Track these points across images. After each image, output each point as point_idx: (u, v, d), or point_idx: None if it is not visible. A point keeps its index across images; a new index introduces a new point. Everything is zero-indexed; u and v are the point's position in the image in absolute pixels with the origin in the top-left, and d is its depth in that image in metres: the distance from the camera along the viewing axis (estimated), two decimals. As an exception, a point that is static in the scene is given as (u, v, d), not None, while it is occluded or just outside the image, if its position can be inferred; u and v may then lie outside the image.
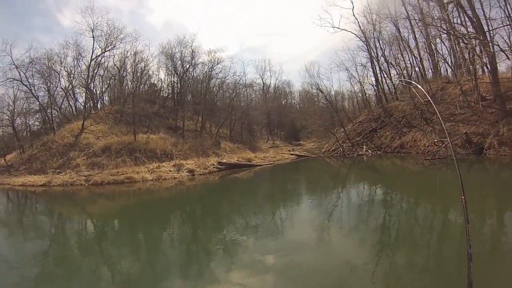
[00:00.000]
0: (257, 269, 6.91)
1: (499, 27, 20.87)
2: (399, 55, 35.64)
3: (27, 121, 33.63)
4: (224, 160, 27.93)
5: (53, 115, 32.00)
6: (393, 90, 35.79)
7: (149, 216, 13.56)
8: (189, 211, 15.08)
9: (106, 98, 38.72)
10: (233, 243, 8.95)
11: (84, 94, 34.96)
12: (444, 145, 20.22)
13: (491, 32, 21.00)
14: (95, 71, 33.99)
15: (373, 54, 35.39)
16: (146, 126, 31.75)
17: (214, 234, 10.27)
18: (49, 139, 26.82)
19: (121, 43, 33.94)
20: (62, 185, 20.52)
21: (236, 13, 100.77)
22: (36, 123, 34.33)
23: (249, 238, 9.30)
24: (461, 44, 25.17)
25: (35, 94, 30.31)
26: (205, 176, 24.15)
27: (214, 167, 26.00)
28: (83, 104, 34.83)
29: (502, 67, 23.69)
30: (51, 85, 32.30)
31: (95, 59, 33.17)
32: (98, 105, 35.90)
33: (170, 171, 23.70)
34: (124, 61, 35.87)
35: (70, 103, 35.84)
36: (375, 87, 37.05)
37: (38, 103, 30.92)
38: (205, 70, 40.34)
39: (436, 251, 7.54)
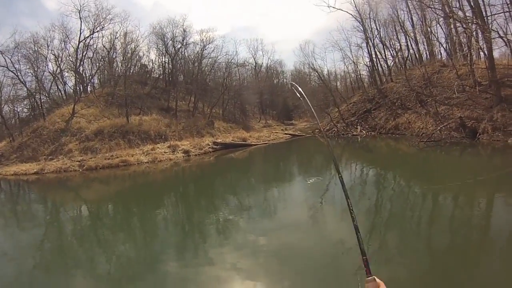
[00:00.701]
0: (250, 250, 6.97)
1: (498, 13, 20.33)
2: (395, 37, 35.00)
3: (15, 108, 32.18)
4: (219, 140, 27.43)
5: (42, 100, 30.69)
6: (388, 72, 35.10)
7: (144, 199, 13.38)
8: (184, 193, 14.87)
9: (96, 81, 37.32)
10: (227, 224, 8.95)
11: (73, 78, 33.67)
12: (439, 128, 20.28)
13: (489, 18, 20.42)
14: (84, 54, 32.45)
15: (368, 35, 34.55)
16: (138, 107, 30.90)
17: (208, 215, 10.21)
18: (39, 126, 25.83)
19: (109, 23, 32.49)
20: (55, 172, 19.82)
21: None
22: (25, 110, 32.96)
23: (242, 218, 9.37)
24: (458, 28, 24.78)
25: (22, 79, 28.97)
26: (201, 157, 23.81)
27: (209, 147, 25.53)
28: (72, 88, 33.61)
29: (495, 53, 23.16)
30: (39, 70, 30.92)
31: (83, 41, 31.74)
32: (88, 89, 34.49)
33: (165, 152, 23.16)
34: (113, 42, 34.45)
35: (59, 87, 34.48)
36: (370, 68, 36.31)
37: (25, 89, 29.64)
38: (197, 50, 39.37)
39: (426, 232, 7.64)
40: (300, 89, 2.88)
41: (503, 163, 14.16)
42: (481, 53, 23.97)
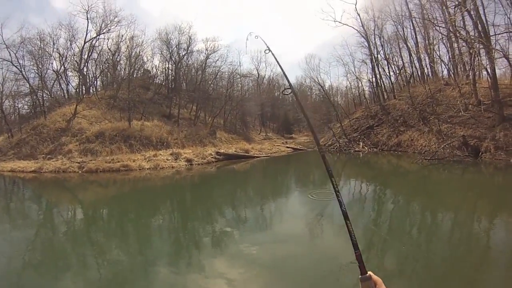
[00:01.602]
0: (245, 261, 6.87)
1: (502, 33, 20.45)
2: (398, 54, 34.84)
3: (16, 104, 31.23)
4: (222, 151, 26.64)
5: (44, 98, 29.77)
6: (391, 89, 34.90)
7: (141, 205, 13.02)
8: (182, 201, 14.50)
9: (98, 83, 36.57)
10: (222, 235, 8.79)
11: (76, 78, 32.85)
12: (442, 146, 20.16)
13: (492, 37, 20.48)
14: (89, 55, 31.79)
15: (372, 51, 34.31)
16: (140, 112, 30.11)
17: (205, 225, 10.10)
18: (40, 123, 24.88)
19: (116, 26, 32.00)
20: (54, 171, 18.83)
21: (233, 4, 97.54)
22: (25, 106, 31.89)
23: (238, 230, 9.26)
24: (461, 47, 24.96)
25: (25, 75, 28.15)
26: (203, 166, 23.06)
27: (212, 157, 24.71)
28: (75, 88, 32.83)
29: (496, 73, 23.14)
30: (42, 67, 30.04)
31: (90, 41, 31.11)
32: (91, 90, 33.75)
33: (167, 159, 22.31)
34: (119, 45, 33.86)
35: (62, 86, 33.57)
36: (373, 84, 35.96)
37: (28, 85, 28.68)
38: (201, 58, 38.93)
39: (425, 247, 7.56)
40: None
41: (505, 182, 14.17)
42: (483, 72, 23.90)
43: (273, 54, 2.57)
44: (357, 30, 34.13)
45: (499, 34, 20.40)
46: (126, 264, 7.00)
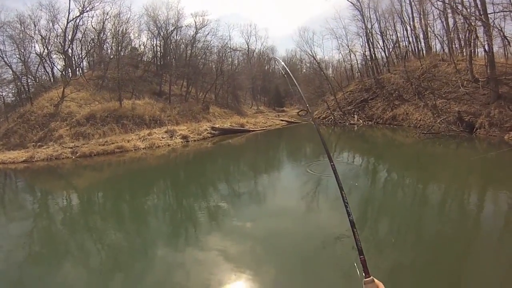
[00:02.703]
0: (243, 236, 7.02)
1: (500, 11, 19.82)
2: (393, 28, 33.77)
3: (0, 92, 29.52)
4: (217, 126, 25.69)
5: (29, 84, 27.95)
6: (385, 62, 33.82)
7: (137, 186, 12.76)
8: (178, 179, 14.27)
9: (85, 63, 34.55)
10: (219, 211, 8.89)
11: (61, 60, 31.00)
12: (438, 120, 20.34)
13: (490, 16, 19.91)
14: (73, 35, 29.66)
15: (367, 24, 33.03)
16: (129, 91, 28.68)
17: (201, 202, 10.11)
18: (27, 110, 23.19)
19: (100, 3, 29.86)
20: (46, 159, 17.55)
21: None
22: (10, 94, 29.84)
23: (234, 205, 9.35)
24: (458, 23, 24.38)
25: (7, 61, 26.08)
26: (199, 142, 22.30)
27: (207, 133, 23.76)
28: (61, 70, 30.99)
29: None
30: (25, 51, 27.91)
31: (73, 21, 28.97)
32: (77, 71, 31.83)
33: (163, 138, 21.31)
34: (103, 23, 31.76)
35: (47, 70, 31.56)
36: (367, 57, 34.69)
37: (11, 71, 26.64)
38: (190, 33, 37.13)
39: (416, 221, 7.68)
40: (283, 63, 2.78)
41: (497, 159, 14.16)
42: (478, 50, 24.25)
43: (292, 77, 2.68)
44: (352, 2, 32.92)
45: (498, 12, 19.80)
46: (125, 246, 7.00)
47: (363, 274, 1.65)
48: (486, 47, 19.49)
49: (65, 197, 12.09)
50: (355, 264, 1.77)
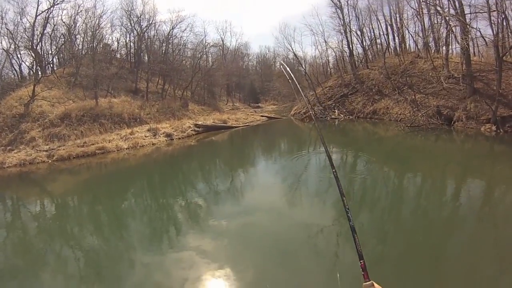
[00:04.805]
0: (224, 233, 6.88)
1: (476, 12, 19.90)
2: (371, 26, 33.22)
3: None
4: (200, 122, 23.94)
5: (-5, 82, 24.82)
6: (363, 58, 33.00)
7: (117, 189, 12.00)
8: (160, 180, 13.34)
9: (55, 60, 31.20)
10: (200, 210, 8.69)
11: (29, 57, 27.68)
12: (420, 114, 20.59)
13: (467, 16, 20.30)
14: (43, 30, 26.32)
15: (345, 21, 31.99)
16: (105, 89, 26.25)
17: (182, 202, 9.74)
18: (-7, 111, 20.43)
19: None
20: (18, 165, 15.23)
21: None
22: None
23: (217, 204, 9.07)
24: (434, 23, 25.15)
25: (-29, 58, 23.01)
26: (183, 140, 20.78)
27: (191, 130, 22.02)
28: (29, 67, 27.84)
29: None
30: (-11, 48, 24.80)
31: (44, 13, 25.47)
32: (48, 69, 28.64)
33: (146, 136, 19.47)
34: (75, 17, 28.82)
35: (14, 67, 28.30)
36: (346, 53, 33.83)
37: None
38: (165, 29, 34.78)
39: (396, 212, 7.78)
40: (288, 69, 2.86)
41: (473, 148, 15.27)
42: (454, 48, 24.81)
43: (296, 84, 2.82)
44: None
45: (474, 12, 19.90)
46: (103, 251, 6.72)
47: (363, 278, 1.62)
48: (464, 46, 19.61)
49: (39, 204, 10.84)
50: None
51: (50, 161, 15.60)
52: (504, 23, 19.99)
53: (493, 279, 4.78)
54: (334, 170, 2.02)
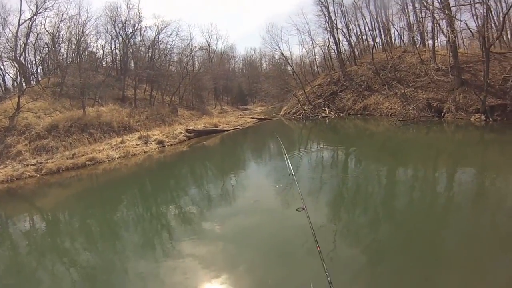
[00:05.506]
0: (219, 238, 6.80)
1: (462, 5, 20.34)
2: (357, 22, 33.45)
3: None
4: (191, 127, 23.37)
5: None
6: (351, 55, 33.09)
7: (108, 200, 11.52)
8: (152, 188, 12.90)
9: (39, 70, 30.18)
10: (194, 217, 8.43)
11: (12, 68, 26.63)
12: (411, 107, 20.65)
13: (452, 8, 20.49)
14: (26, 40, 25.22)
15: (332, 18, 32.00)
16: (92, 98, 25.46)
17: (175, 210, 9.39)
18: (-25, 125, 19.45)
19: (54, 3, 25.66)
20: (5, 181, 14.36)
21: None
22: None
23: (210, 210, 8.85)
24: (420, 17, 25.25)
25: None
26: (175, 146, 20.14)
27: (183, 136, 21.44)
28: (13, 79, 26.79)
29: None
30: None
31: (28, 22, 24.49)
32: (32, 79, 27.63)
33: (137, 144, 18.78)
34: (58, 26, 27.88)
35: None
36: (335, 51, 33.72)
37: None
38: (151, 35, 34.20)
39: (390, 204, 7.80)
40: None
41: (464, 138, 15.49)
42: (440, 41, 25.46)
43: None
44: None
45: (461, 5, 20.23)
46: (98, 265, 6.46)
47: None
48: (451, 38, 19.64)
49: (29, 221, 10.21)
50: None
51: (38, 175, 14.82)
52: (488, 15, 19.85)
53: (490, 268, 4.82)
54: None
